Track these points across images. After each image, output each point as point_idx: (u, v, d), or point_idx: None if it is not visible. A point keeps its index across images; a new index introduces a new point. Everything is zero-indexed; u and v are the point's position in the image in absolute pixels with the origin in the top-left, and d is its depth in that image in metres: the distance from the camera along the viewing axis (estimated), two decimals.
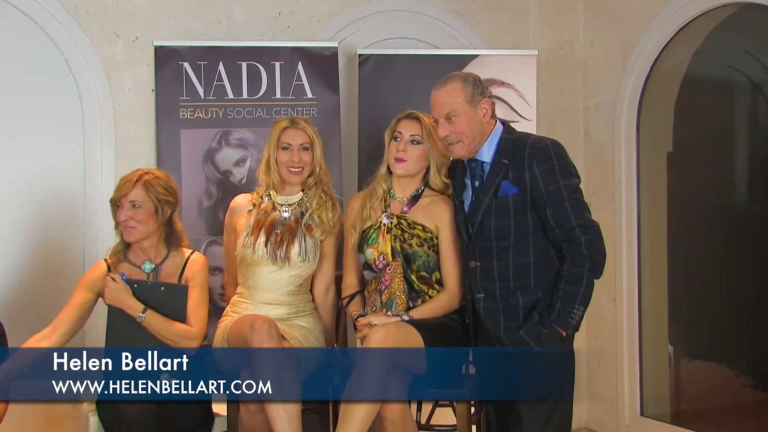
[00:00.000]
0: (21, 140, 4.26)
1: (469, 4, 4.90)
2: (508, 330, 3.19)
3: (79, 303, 3.40)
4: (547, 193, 3.13)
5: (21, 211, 4.26)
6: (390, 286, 3.40)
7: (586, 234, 3.12)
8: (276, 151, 3.57)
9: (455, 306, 3.45)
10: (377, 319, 3.33)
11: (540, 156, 3.15)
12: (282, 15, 4.63)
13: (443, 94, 3.25)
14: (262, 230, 3.51)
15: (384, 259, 3.45)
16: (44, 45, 4.30)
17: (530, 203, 3.16)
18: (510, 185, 3.17)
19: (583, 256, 3.11)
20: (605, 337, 4.69)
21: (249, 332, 3.24)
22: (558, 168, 3.14)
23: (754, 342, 5.19)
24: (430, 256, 3.45)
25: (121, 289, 3.35)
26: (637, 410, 4.70)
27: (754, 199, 5.31)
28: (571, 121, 4.98)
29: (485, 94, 3.25)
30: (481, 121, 3.23)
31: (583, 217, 3.14)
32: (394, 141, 3.50)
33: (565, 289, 3.11)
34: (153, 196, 3.44)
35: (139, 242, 3.47)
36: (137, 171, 3.50)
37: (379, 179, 3.56)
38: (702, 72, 4.93)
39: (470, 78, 3.26)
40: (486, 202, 3.19)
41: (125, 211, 3.42)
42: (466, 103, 3.21)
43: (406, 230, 3.46)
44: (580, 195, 3.18)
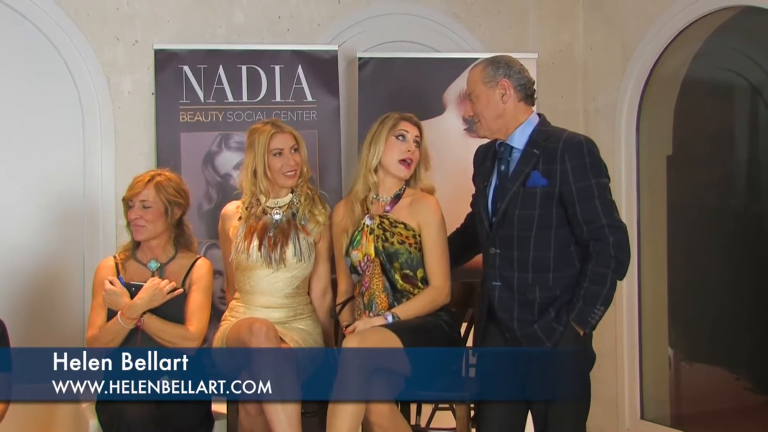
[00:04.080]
0: (21, 143, 4.27)
1: (469, 8, 4.91)
2: (521, 321, 3.15)
3: (102, 303, 3.43)
4: (577, 189, 3.08)
5: (22, 214, 4.26)
6: (369, 286, 3.39)
7: (614, 234, 3.08)
8: (266, 157, 3.51)
9: (442, 302, 3.42)
10: (361, 323, 3.32)
11: (572, 151, 3.10)
12: (282, 18, 4.63)
13: (469, 74, 3.26)
14: (255, 235, 3.49)
15: (368, 260, 3.43)
16: (44, 48, 4.31)
17: (558, 197, 3.11)
18: (540, 176, 3.12)
19: (610, 257, 3.07)
20: (605, 339, 4.68)
21: (247, 335, 3.24)
22: (590, 165, 3.09)
23: (754, 345, 5.19)
24: (412, 254, 3.42)
25: (119, 292, 3.39)
26: (637, 413, 4.70)
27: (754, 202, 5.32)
28: (571, 124, 4.96)
29: (509, 76, 3.19)
30: (502, 102, 3.19)
31: (612, 217, 3.10)
32: (398, 140, 3.47)
33: (588, 288, 3.07)
34: (163, 196, 3.49)
35: (147, 241, 3.51)
36: (150, 172, 3.58)
37: (366, 173, 3.48)
38: (702, 75, 4.94)
39: (497, 60, 3.24)
40: (513, 191, 3.15)
41: (136, 210, 3.48)
42: (483, 84, 3.20)
43: (388, 229, 3.44)
44: (609, 194, 3.14)
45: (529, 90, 3.24)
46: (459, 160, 3.54)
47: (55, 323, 4.27)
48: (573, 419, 3.16)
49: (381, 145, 3.46)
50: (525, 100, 3.23)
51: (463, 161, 3.46)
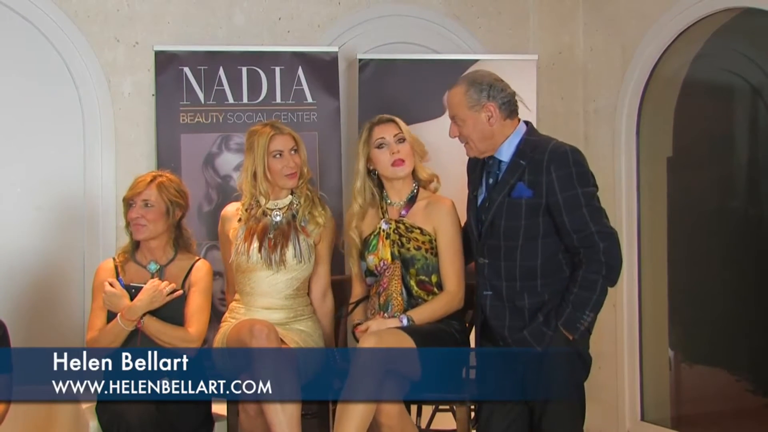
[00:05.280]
0: (21, 145, 4.27)
1: (469, 9, 4.91)
2: (512, 329, 3.18)
3: (102, 305, 3.44)
4: (564, 199, 3.09)
5: (22, 215, 4.26)
6: (387, 288, 3.40)
7: (604, 241, 3.09)
8: (266, 159, 3.52)
9: (456, 307, 3.44)
10: (374, 323, 3.33)
11: (558, 162, 3.11)
12: (282, 20, 4.64)
13: (450, 97, 3.24)
14: (255, 236, 3.49)
15: (384, 265, 3.45)
16: (45, 50, 4.31)
17: (544, 208, 3.13)
18: (525, 187, 3.14)
19: (600, 263, 3.08)
20: (606, 341, 4.68)
21: (248, 336, 3.24)
22: (576, 174, 3.10)
23: (755, 346, 5.19)
24: (428, 259, 3.44)
25: (119, 294, 3.40)
26: (637, 415, 4.69)
27: (755, 204, 5.32)
28: (571, 125, 4.98)
29: (492, 98, 3.17)
30: (488, 125, 3.19)
31: (601, 224, 3.11)
32: (380, 149, 3.48)
33: (578, 294, 3.09)
34: (165, 197, 3.50)
35: (147, 242, 3.51)
36: (152, 172, 3.60)
37: (355, 194, 3.52)
38: (702, 76, 4.94)
39: (478, 81, 3.20)
40: (498, 201, 3.17)
41: (137, 210, 3.48)
42: (468, 109, 3.18)
43: (404, 234, 3.45)
44: (597, 201, 3.15)
45: (513, 105, 3.24)
46: (459, 162, 3.53)
47: (55, 323, 4.27)
48: (568, 420, 3.17)
49: (361, 162, 3.51)
50: (510, 115, 3.23)
51: (462, 163, 3.46)
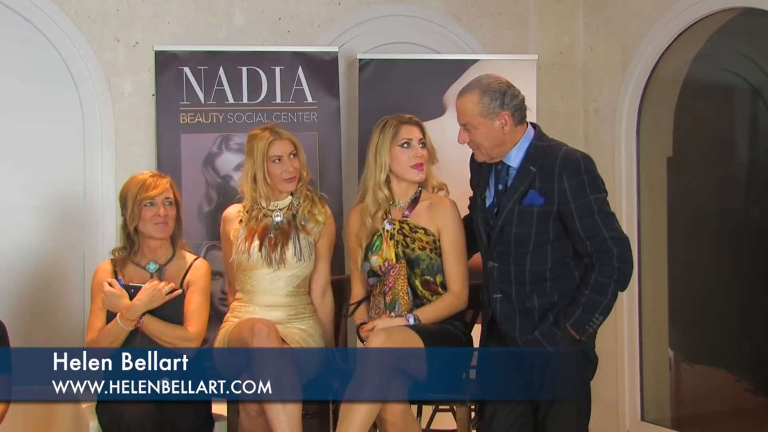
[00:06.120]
0: (21, 145, 4.27)
1: (469, 9, 4.91)
2: (522, 331, 3.19)
3: (101, 305, 3.44)
4: (576, 207, 3.10)
5: (22, 215, 4.27)
6: (394, 287, 3.40)
7: (618, 246, 3.11)
8: (265, 164, 3.54)
9: (460, 307, 3.44)
10: (381, 322, 3.33)
11: (570, 170, 3.11)
12: (282, 20, 4.64)
13: (462, 104, 3.22)
14: (256, 236, 3.51)
15: (389, 265, 3.44)
16: (45, 50, 4.31)
17: (555, 215, 3.13)
18: (537, 195, 3.14)
19: (613, 268, 3.10)
20: (605, 341, 4.67)
21: (249, 335, 3.25)
22: (588, 182, 3.11)
23: (755, 346, 5.18)
24: (432, 260, 3.44)
25: (119, 294, 3.40)
26: (637, 415, 4.69)
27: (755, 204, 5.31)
28: (571, 125, 4.98)
29: (506, 105, 3.16)
30: (501, 132, 3.18)
31: (614, 229, 3.13)
32: (403, 147, 3.46)
33: (589, 297, 3.10)
34: (177, 195, 3.56)
35: (150, 241, 3.52)
36: (156, 172, 3.61)
37: (375, 188, 3.47)
38: (702, 77, 4.93)
39: (492, 88, 3.17)
40: (509, 208, 3.17)
41: (162, 208, 3.48)
42: (481, 117, 3.17)
43: (408, 235, 3.45)
44: (608, 207, 3.16)
45: (524, 111, 3.24)
46: (459, 162, 3.54)
47: (55, 323, 4.27)
48: (574, 420, 3.17)
49: (386, 156, 3.46)
50: (521, 121, 3.23)
51: (463, 163, 3.47)
